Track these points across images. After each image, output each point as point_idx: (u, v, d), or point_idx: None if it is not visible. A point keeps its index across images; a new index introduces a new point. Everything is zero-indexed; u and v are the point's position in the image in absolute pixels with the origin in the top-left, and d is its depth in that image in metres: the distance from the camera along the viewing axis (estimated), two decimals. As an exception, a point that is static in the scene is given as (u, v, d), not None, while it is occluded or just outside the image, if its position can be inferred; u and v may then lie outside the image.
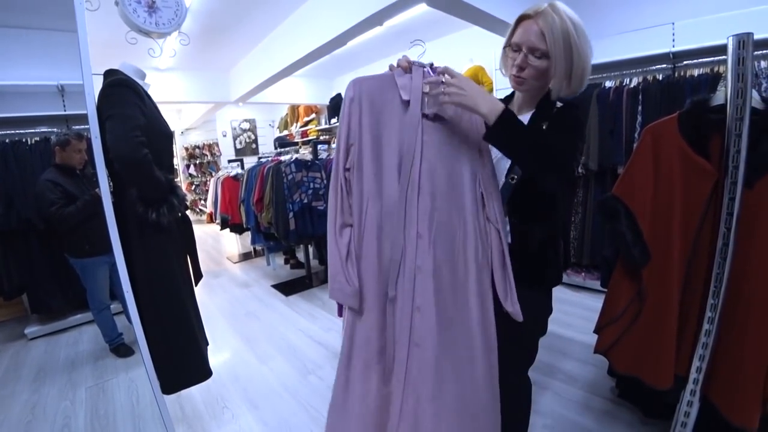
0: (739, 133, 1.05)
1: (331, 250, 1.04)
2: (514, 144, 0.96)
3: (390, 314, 1.03)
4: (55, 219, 2.22)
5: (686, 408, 1.25)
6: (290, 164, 3.32)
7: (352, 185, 1.04)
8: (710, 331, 1.16)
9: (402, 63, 1.06)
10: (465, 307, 1.03)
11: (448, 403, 1.01)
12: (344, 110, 1.03)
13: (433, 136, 1.02)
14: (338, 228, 1.04)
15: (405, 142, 1.01)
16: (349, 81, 1.05)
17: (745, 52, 1.01)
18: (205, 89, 5.42)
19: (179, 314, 1.52)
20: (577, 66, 1.00)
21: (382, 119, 1.03)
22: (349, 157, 1.03)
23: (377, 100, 1.03)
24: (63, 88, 3.05)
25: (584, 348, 2.20)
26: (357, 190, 1.03)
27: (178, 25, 1.67)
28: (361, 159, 1.02)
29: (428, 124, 1.02)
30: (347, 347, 1.07)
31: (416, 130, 1.01)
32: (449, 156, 1.03)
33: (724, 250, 1.11)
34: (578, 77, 1.02)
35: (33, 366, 2.52)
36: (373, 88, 1.03)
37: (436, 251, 1.01)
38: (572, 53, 0.98)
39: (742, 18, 2.49)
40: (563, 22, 0.96)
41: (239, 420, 1.87)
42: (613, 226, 1.36)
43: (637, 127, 2.61)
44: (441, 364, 1.00)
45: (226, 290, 3.87)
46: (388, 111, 1.03)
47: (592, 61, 1.03)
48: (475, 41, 4.08)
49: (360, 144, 1.02)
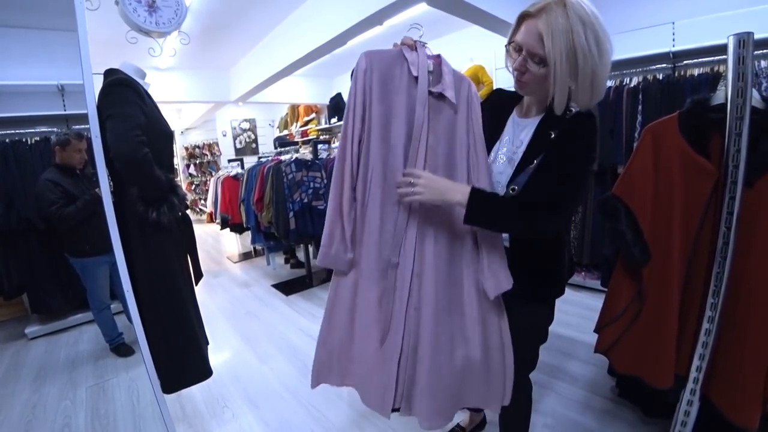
0: (739, 133, 1.05)
1: (332, 218, 1.07)
2: (495, 218, 0.96)
3: (391, 279, 1.07)
4: (55, 219, 2.22)
5: (686, 407, 1.25)
6: (290, 164, 3.32)
7: (360, 156, 1.06)
8: (710, 330, 1.16)
9: (407, 41, 1.07)
10: (461, 273, 1.07)
11: (444, 361, 1.06)
12: (358, 81, 1.04)
13: (436, 112, 1.06)
14: (344, 196, 1.06)
15: (413, 116, 1.04)
16: (362, 53, 1.06)
17: (746, 52, 1.01)
18: (205, 89, 5.42)
19: (179, 314, 1.52)
20: (584, 73, 0.86)
21: (391, 93, 1.05)
22: (364, 126, 1.05)
23: (387, 74, 1.05)
24: (63, 88, 3.05)
25: (585, 347, 2.20)
26: (363, 160, 1.06)
27: (178, 24, 1.67)
28: (370, 130, 1.05)
29: (432, 101, 1.05)
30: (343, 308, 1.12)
31: (424, 106, 1.03)
32: (448, 133, 1.07)
33: (724, 249, 1.11)
34: (586, 86, 0.88)
35: (33, 366, 2.52)
36: (384, 62, 1.05)
37: (434, 222, 1.05)
38: (576, 58, 0.85)
39: (742, 17, 2.49)
40: (567, 22, 0.83)
41: (240, 419, 1.87)
42: (613, 226, 1.35)
43: (637, 126, 2.61)
44: (438, 327, 1.05)
45: (226, 290, 3.87)
46: (396, 85, 1.05)
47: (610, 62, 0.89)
48: (476, 41, 4.08)
49: (370, 115, 1.04)
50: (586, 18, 0.83)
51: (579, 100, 0.92)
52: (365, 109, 1.04)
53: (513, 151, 1.06)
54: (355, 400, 1.93)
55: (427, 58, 1.05)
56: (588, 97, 0.90)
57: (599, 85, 0.89)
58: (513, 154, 1.05)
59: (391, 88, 1.05)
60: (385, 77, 1.05)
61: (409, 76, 1.04)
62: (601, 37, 0.85)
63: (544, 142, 0.98)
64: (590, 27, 0.83)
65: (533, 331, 1.17)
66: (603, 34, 0.85)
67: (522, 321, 1.13)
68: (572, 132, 0.95)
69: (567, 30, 0.83)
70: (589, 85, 0.88)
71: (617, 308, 1.39)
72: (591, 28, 0.83)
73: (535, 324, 1.16)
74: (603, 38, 0.85)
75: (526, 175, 0.99)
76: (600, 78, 0.88)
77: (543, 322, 1.17)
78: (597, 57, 0.85)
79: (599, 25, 0.84)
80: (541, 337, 1.19)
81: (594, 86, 0.88)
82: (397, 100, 1.05)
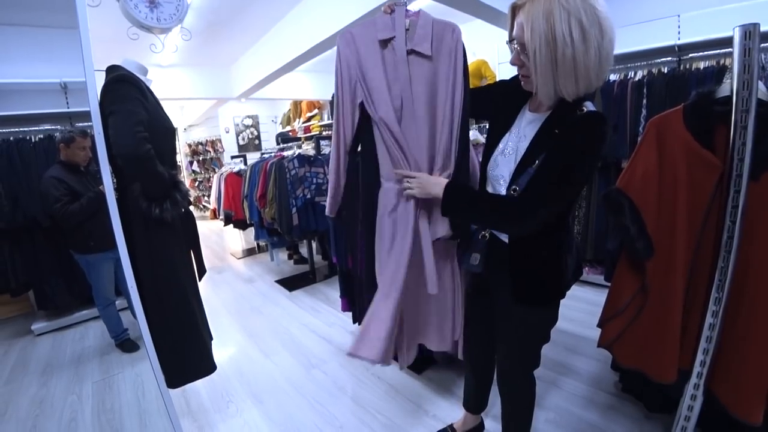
0: (744, 126, 1.04)
1: (335, 175, 1.33)
2: (466, 213, 1.11)
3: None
4: (60, 216, 2.24)
5: (690, 402, 1.25)
6: (293, 159, 3.32)
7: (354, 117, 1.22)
8: (714, 325, 1.15)
9: (385, 8, 1.18)
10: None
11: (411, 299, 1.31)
12: (341, 54, 1.17)
13: (417, 67, 1.16)
14: (342, 153, 1.29)
15: (396, 75, 1.15)
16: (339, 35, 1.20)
17: (752, 43, 0.99)
18: (208, 85, 5.42)
19: (183, 309, 1.53)
20: (563, 60, 0.83)
21: (372, 58, 1.16)
22: (357, 93, 1.18)
23: (366, 43, 1.17)
24: (66, 85, 3.05)
25: (588, 343, 2.19)
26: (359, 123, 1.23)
27: (179, 20, 1.67)
28: (356, 96, 1.19)
29: (413, 58, 1.16)
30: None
31: (405, 63, 1.14)
32: (431, 85, 1.17)
33: (729, 243, 1.10)
34: (568, 74, 0.84)
35: (40, 361, 2.55)
36: (362, 34, 1.18)
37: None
38: (556, 45, 0.82)
39: (749, 9, 2.46)
40: (548, 8, 0.81)
41: (244, 414, 1.89)
42: (617, 220, 1.35)
43: (642, 120, 2.59)
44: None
45: (230, 286, 3.89)
46: (376, 50, 1.16)
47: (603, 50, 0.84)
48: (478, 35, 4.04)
49: (356, 83, 1.17)
50: (571, 3, 0.81)
51: (563, 90, 0.88)
52: (351, 80, 1.17)
53: (516, 144, 1.05)
54: (359, 395, 1.94)
55: (406, 17, 1.14)
56: (572, 87, 0.87)
57: (585, 74, 0.85)
58: (516, 146, 1.05)
59: (371, 53, 1.16)
60: (366, 46, 1.16)
61: (388, 39, 1.15)
62: (586, 24, 0.81)
63: (548, 139, 0.96)
64: (575, 14, 0.80)
65: (533, 332, 1.16)
66: (590, 21, 0.81)
67: (521, 322, 1.13)
68: (574, 133, 0.91)
69: (547, 17, 0.82)
70: (570, 73, 0.84)
71: (620, 302, 1.39)
72: (575, 14, 0.80)
73: (534, 325, 1.15)
74: (589, 26, 0.81)
75: (527, 176, 0.97)
76: (584, 67, 0.84)
77: (543, 323, 1.16)
78: (579, 44, 0.81)
79: (588, 12, 0.81)
80: (541, 338, 1.18)
81: (578, 75, 0.85)
82: (379, 64, 1.15)
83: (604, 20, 0.83)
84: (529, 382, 1.24)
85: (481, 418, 1.61)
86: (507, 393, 1.29)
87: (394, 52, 1.15)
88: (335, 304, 3.05)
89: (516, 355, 1.20)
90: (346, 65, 1.18)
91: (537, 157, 0.96)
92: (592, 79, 0.87)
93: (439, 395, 1.90)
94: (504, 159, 1.07)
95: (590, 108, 0.92)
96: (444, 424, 1.67)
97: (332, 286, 3.50)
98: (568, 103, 0.92)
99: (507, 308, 1.15)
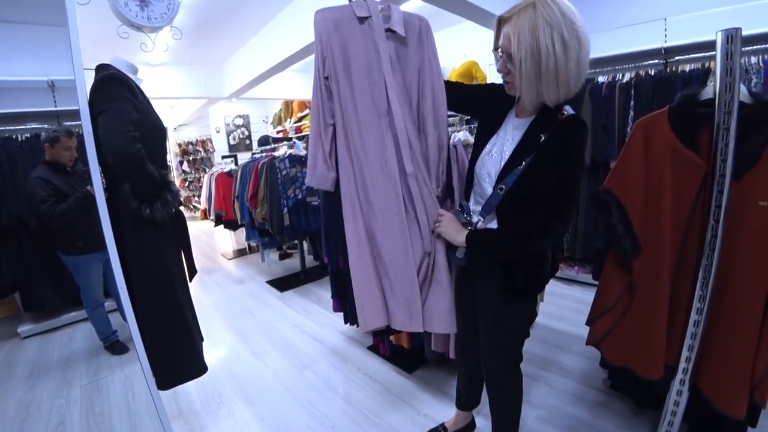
0: (727, 127, 1.06)
1: (314, 142, 1.24)
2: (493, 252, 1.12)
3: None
4: (47, 216, 2.20)
5: (676, 397, 1.28)
6: (284, 159, 3.31)
7: (331, 91, 1.21)
8: (699, 321, 1.18)
9: None
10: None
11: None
12: (316, 30, 1.18)
13: (391, 45, 1.20)
14: (322, 127, 1.23)
15: (372, 51, 1.18)
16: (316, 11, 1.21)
17: (734, 47, 1.02)
18: (198, 84, 5.37)
19: (174, 310, 1.52)
20: (547, 71, 0.91)
21: (348, 35, 1.19)
22: (326, 67, 1.19)
23: (341, 23, 1.19)
24: (53, 84, 3.01)
25: (577, 341, 2.22)
26: (335, 94, 1.21)
27: (170, 19, 1.65)
28: (335, 68, 1.19)
29: (389, 36, 1.20)
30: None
31: (383, 39, 1.18)
32: (403, 63, 1.23)
33: (713, 242, 1.13)
34: (550, 83, 0.92)
35: (27, 364, 2.50)
36: (337, 14, 1.20)
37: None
38: (540, 57, 0.89)
39: (733, 14, 2.51)
40: (534, 23, 0.89)
41: (235, 415, 1.88)
42: (604, 219, 1.37)
43: (629, 121, 2.63)
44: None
45: (220, 287, 3.86)
46: (350, 29, 1.19)
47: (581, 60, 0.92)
48: (469, 36, 4.07)
49: (332, 56, 1.18)
50: (554, 19, 0.88)
51: (545, 96, 0.96)
52: (324, 54, 1.18)
53: (502, 146, 1.11)
54: (350, 395, 1.95)
55: (377, 4, 1.20)
56: (554, 94, 0.95)
57: (565, 82, 0.93)
58: (503, 148, 1.11)
59: (347, 31, 1.19)
60: (342, 26, 1.19)
61: (365, 18, 1.19)
62: (567, 38, 0.88)
63: (533, 143, 1.03)
64: (557, 28, 0.88)
65: (513, 329, 1.22)
66: (570, 35, 0.89)
67: (501, 319, 1.20)
68: (561, 144, 0.99)
69: (532, 30, 0.89)
70: (553, 81, 0.92)
71: (608, 300, 1.41)
72: (557, 29, 0.88)
73: (513, 322, 1.21)
74: (570, 39, 0.89)
75: (514, 176, 1.04)
76: (565, 75, 0.92)
77: (523, 319, 1.23)
78: (561, 55, 0.89)
79: (569, 26, 0.89)
80: (521, 333, 1.25)
81: (559, 83, 0.93)
82: (355, 41, 1.19)
83: (582, 34, 0.91)
84: (515, 375, 1.28)
85: (472, 416, 1.63)
86: (494, 388, 1.31)
87: (371, 29, 1.19)
88: (327, 305, 3.05)
89: (499, 349, 1.25)
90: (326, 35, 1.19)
91: (523, 159, 1.03)
92: (572, 86, 0.96)
93: (430, 394, 1.91)
94: (491, 159, 1.13)
95: (569, 112, 1.01)
96: (435, 423, 1.68)
97: (323, 287, 3.50)
98: (550, 108, 1.01)
99: (490, 302, 1.21)
